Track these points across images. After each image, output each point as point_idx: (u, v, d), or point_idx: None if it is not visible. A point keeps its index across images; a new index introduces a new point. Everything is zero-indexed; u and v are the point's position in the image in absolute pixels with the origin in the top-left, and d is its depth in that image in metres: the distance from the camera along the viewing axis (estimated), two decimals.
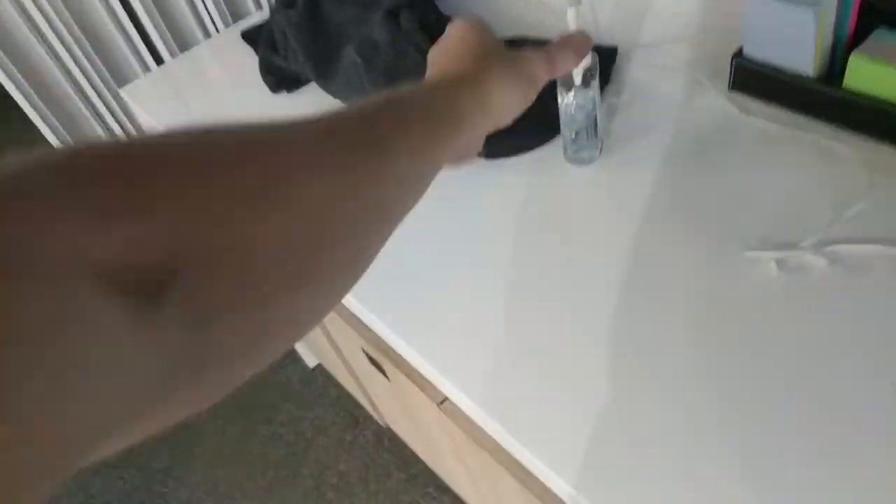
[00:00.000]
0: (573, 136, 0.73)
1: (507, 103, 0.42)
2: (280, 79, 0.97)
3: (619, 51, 0.87)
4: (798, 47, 0.69)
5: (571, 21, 0.63)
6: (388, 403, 1.16)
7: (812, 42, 0.67)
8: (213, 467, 1.58)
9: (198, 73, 1.13)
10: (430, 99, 0.37)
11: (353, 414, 1.57)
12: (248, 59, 1.07)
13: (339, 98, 0.88)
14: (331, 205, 0.27)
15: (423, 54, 0.77)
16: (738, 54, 0.75)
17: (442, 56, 0.43)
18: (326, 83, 0.88)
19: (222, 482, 1.55)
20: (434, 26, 0.85)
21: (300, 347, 1.64)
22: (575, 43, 0.48)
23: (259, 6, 1.27)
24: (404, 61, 0.76)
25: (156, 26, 1.17)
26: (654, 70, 0.84)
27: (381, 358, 0.85)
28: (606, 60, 0.85)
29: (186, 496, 1.54)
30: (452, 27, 0.44)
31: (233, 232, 0.23)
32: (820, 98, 0.71)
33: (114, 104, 1.26)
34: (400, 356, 0.75)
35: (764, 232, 0.65)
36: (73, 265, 0.18)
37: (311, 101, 0.94)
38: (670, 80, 0.82)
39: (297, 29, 0.92)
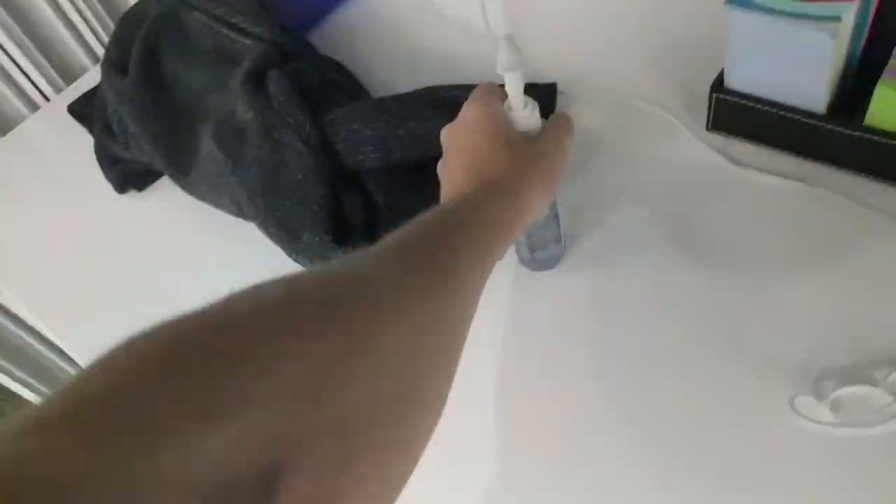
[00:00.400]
0: (527, 232, 0.53)
1: (540, 206, 0.44)
2: (127, 173, 0.73)
3: (559, 87, 0.68)
4: (804, 77, 0.52)
5: (512, 89, 0.43)
6: None
7: (826, 70, 0.50)
8: None
9: (27, 160, 0.88)
10: (475, 215, 0.37)
11: None
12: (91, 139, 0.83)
13: (207, 202, 0.65)
14: (410, 346, 0.26)
15: (307, 143, 0.56)
16: (718, 85, 0.58)
17: (464, 151, 0.43)
18: (186, 181, 0.65)
19: None
20: (317, 90, 0.64)
21: None
22: (565, 121, 0.47)
23: (95, 58, 1.01)
24: (283, 156, 0.55)
25: None
26: (607, 109, 0.65)
27: None
28: (545, 101, 0.66)
29: None
30: (469, 112, 0.44)
31: (331, 399, 0.22)
32: (836, 141, 0.54)
33: None
34: None
35: (797, 352, 0.48)
36: (183, 486, 0.17)
37: (175, 202, 0.70)
38: (629, 122, 0.64)
39: (133, 106, 0.69)
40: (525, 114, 0.45)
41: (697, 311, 0.51)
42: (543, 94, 0.66)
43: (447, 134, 0.45)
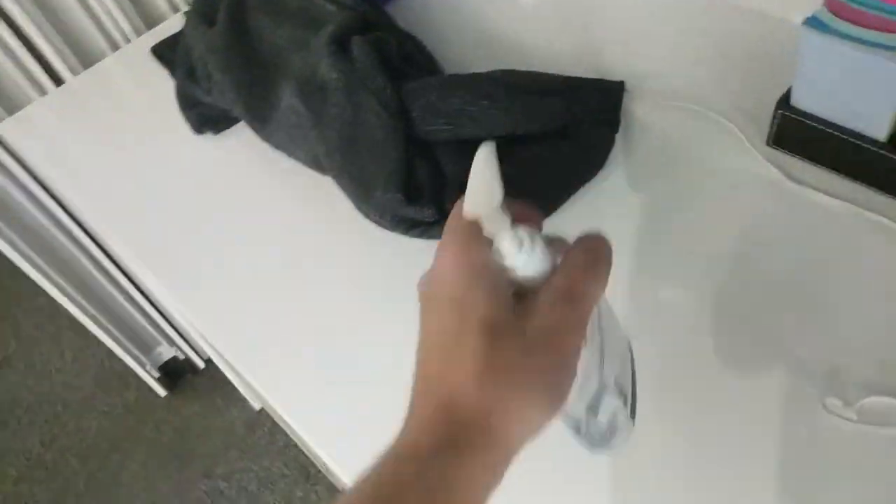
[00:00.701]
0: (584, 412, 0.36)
1: (538, 429, 0.29)
2: (204, 116, 0.77)
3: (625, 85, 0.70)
4: (871, 105, 0.54)
5: (495, 233, 0.29)
6: None
7: (893, 101, 0.52)
8: None
9: (106, 95, 0.92)
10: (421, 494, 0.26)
11: (303, 466, 1.40)
12: (169, 81, 0.87)
13: (282, 150, 0.69)
14: None
15: (387, 107, 0.59)
16: (784, 103, 0.60)
17: (431, 329, 0.30)
18: (264, 130, 0.69)
19: None
20: (395, 60, 0.67)
21: (243, 387, 1.45)
22: (593, 256, 0.31)
23: (174, 8, 1.05)
24: (363, 116, 0.58)
25: (48, 39, 0.95)
26: (671, 112, 0.68)
27: None
28: (612, 99, 0.69)
29: None
30: (441, 263, 0.30)
31: None
32: (893, 170, 0.56)
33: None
34: None
35: (832, 360, 0.50)
36: None
37: (247, 148, 0.74)
38: (690, 127, 0.66)
39: (219, 56, 0.72)
40: (520, 260, 0.29)
41: (742, 317, 0.54)
42: (611, 91, 0.69)
43: (420, 290, 0.31)
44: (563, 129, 0.64)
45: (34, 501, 1.47)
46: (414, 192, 0.56)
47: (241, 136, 0.75)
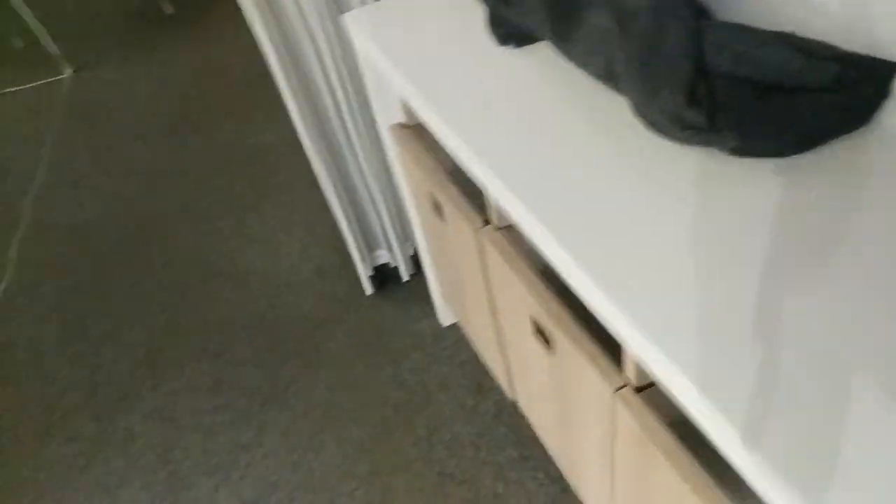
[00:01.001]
0: None
1: None
2: (509, 32, 0.94)
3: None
4: None
5: None
6: (531, 378, 1.14)
7: None
8: (334, 390, 1.63)
9: (418, 11, 1.12)
10: None
11: (478, 381, 1.57)
12: (471, 4, 1.05)
13: (577, 63, 0.83)
14: None
15: (688, 31, 0.71)
16: None
17: None
18: (564, 45, 0.84)
19: (341, 406, 1.59)
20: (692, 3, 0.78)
21: (438, 302, 1.64)
22: None
23: None
24: (666, 35, 0.71)
25: None
26: None
27: (556, 329, 0.82)
28: (883, 75, 0.75)
29: (303, 409, 1.60)
30: None
31: None
32: None
33: (331, 29, 1.29)
34: (579, 331, 0.74)
35: None
36: None
37: (539, 61, 0.90)
38: None
39: None
40: None
41: None
42: (881, 69, 0.75)
43: None
44: (833, 87, 0.72)
45: (256, 346, 1.77)
46: (694, 100, 0.68)
47: (539, 52, 0.90)
